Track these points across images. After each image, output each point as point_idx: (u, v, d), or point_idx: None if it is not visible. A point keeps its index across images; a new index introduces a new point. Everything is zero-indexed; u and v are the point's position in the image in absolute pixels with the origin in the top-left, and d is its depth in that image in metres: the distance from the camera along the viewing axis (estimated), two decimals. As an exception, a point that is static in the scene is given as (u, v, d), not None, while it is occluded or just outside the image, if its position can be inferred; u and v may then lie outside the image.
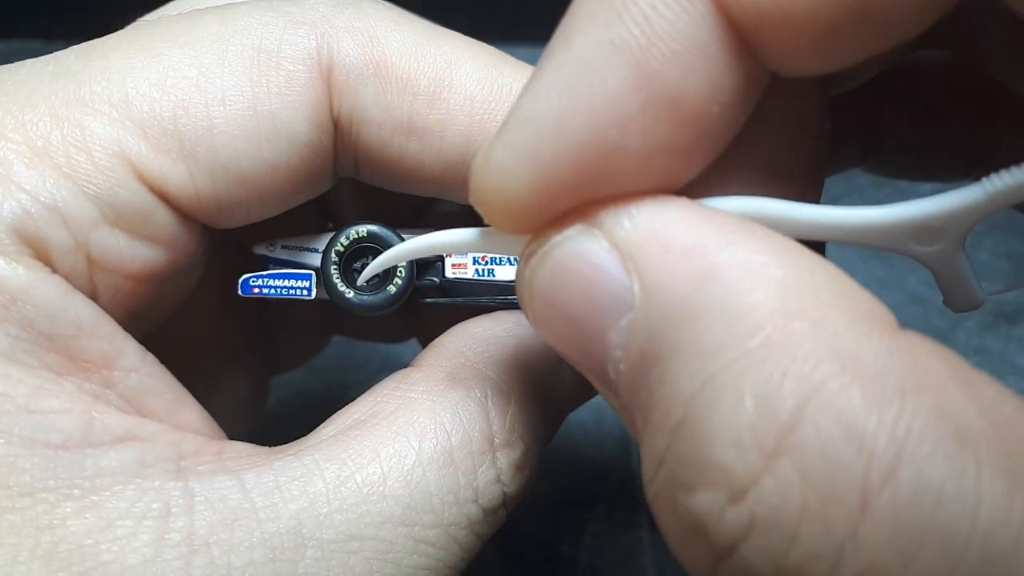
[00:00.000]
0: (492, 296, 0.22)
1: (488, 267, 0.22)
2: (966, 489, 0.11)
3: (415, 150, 0.20)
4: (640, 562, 0.31)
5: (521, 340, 0.21)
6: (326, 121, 0.20)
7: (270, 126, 0.19)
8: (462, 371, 0.20)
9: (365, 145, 0.20)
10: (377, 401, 0.19)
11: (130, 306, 0.20)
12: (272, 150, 0.19)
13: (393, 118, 0.20)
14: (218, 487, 0.17)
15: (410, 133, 0.20)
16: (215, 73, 0.19)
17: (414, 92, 0.20)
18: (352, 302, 0.21)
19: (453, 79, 0.20)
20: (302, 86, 0.19)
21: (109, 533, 0.16)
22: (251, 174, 0.19)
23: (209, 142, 0.19)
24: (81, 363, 0.18)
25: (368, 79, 0.20)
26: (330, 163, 0.20)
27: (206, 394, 0.21)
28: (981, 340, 0.37)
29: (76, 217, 0.18)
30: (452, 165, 0.20)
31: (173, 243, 0.20)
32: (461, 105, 0.20)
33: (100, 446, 0.17)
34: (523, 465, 0.20)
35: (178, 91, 0.19)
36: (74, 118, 0.18)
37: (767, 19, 0.14)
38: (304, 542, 0.17)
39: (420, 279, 0.22)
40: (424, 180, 0.21)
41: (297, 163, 0.20)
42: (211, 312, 0.26)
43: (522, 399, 0.20)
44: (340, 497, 0.17)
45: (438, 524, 0.18)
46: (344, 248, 0.21)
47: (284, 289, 0.21)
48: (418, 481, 0.18)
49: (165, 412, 0.19)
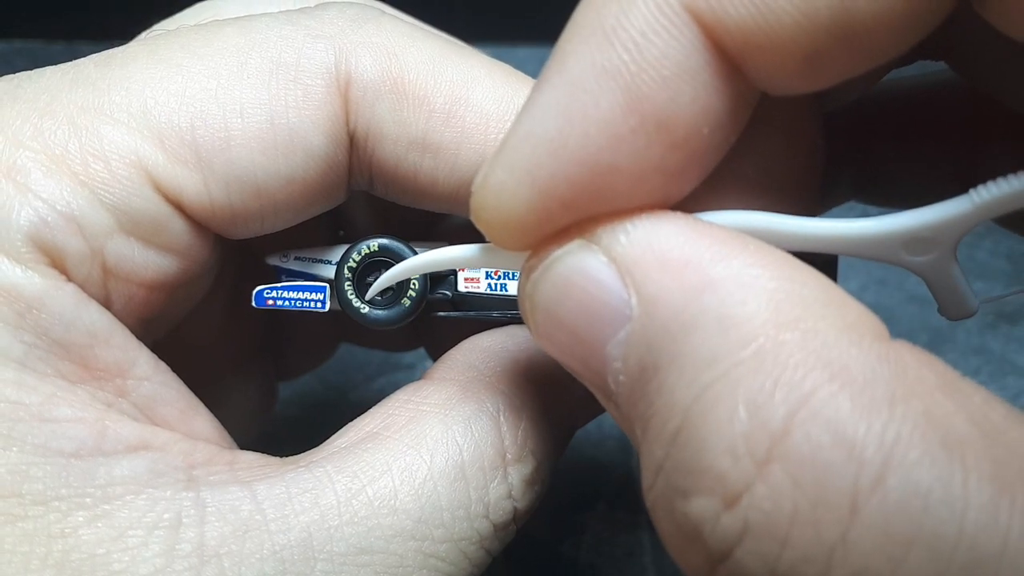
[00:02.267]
0: (504, 311, 0.22)
1: (501, 281, 0.22)
2: (953, 494, 0.12)
3: (429, 167, 0.20)
4: (640, 562, 0.31)
5: (533, 355, 0.21)
6: (342, 136, 0.20)
7: (287, 139, 0.19)
8: (474, 385, 0.20)
9: (380, 161, 0.20)
10: (389, 414, 0.19)
11: (142, 313, 0.20)
12: (288, 163, 0.19)
13: (408, 134, 0.20)
14: (229, 498, 0.17)
15: (425, 150, 0.20)
16: (234, 85, 0.19)
17: (430, 109, 0.20)
18: (367, 317, 0.21)
19: (469, 97, 0.20)
20: (320, 100, 0.19)
21: (120, 543, 0.16)
22: (266, 186, 0.19)
23: (226, 154, 0.19)
24: (95, 371, 0.18)
25: (385, 95, 0.20)
26: (344, 177, 0.21)
27: (216, 401, 0.21)
28: (981, 340, 0.37)
29: (92, 226, 0.18)
30: (466, 183, 0.20)
31: (187, 252, 0.20)
32: (476, 124, 0.20)
33: (113, 455, 0.17)
34: (534, 480, 0.20)
35: (196, 102, 0.19)
36: (92, 127, 0.18)
37: (752, 43, 0.14)
38: (314, 555, 0.17)
39: (433, 292, 0.22)
40: (438, 196, 0.21)
41: (313, 176, 0.20)
42: (222, 320, 0.26)
43: (534, 414, 0.20)
44: (351, 510, 0.17)
45: (448, 539, 0.18)
46: (357, 263, 0.21)
47: (299, 302, 0.21)
48: (429, 495, 0.18)
49: (177, 421, 0.19)
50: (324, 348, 0.30)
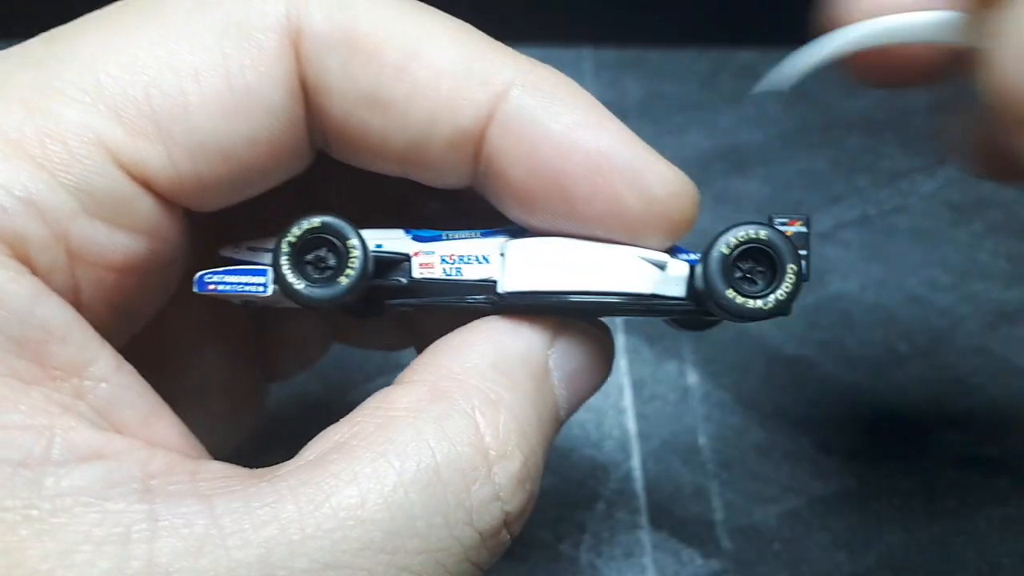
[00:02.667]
0: (461, 296, 0.21)
1: (456, 266, 0.21)
2: None
3: (380, 123, 0.20)
4: (640, 562, 0.31)
5: (501, 346, 0.20)
6: (298, 89, 0.19)
7: (246, 99, 0.19)
8: (444, 383, 0.19)
9: (331, 116, 0.20)
10: (357, 422, 0.18)
11: (114, 300, 0.19)
12: (250, 123, 0.19)
13: (358, 88, 0.19)
14: (185, 511, 0.16)
15: (375, 105, 0.19)
16: (186, 49, 0.19)
17: (381, 63, 0.19)
18: (302, 294, 0.20)
19: (422, 52, 0.19)
20: (274, 56, 0.19)
21: (67, 559, 0.15)
22: (232, 150, 0.19)
23: (186, 121, 0.18)
24: (51, 370, 0.17)
25: (335, 48, 0.19)
26: (307, 134, 0.20)
27: (199, 403, 0.20)
28: (981, 340, 0.37)
29: (54, 209, 0.18)
30: (416, 141, 0.20)
31: (156, 232, 0.19)
32: (428, 79, 0.19)
33: (63, 464, 0.16)
34: (524, 478, 0.19)
35: (149, 70, 0.18)
36: (46, 107, 0.18)
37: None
38: (273, 572, 0.16)
39: (387, 279, 0.21)
40: (388, 156, 0.20)
41: (277, 135, 0.19)
42: (205, 321, 0.25)
43: (512, 406, 0.19)
44: (314, 523, 0.16)
45: (424, 550, 0.17)
46: (296, 239, 0.20)
47: (239, 286, 0.20)
48: (401, 503, 0.17)
49: (139, 425, 0.18)
50: (313, 350, 0.29)
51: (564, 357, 0.21)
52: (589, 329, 0.22)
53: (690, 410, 0.35)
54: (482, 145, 0.20)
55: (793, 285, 0.19)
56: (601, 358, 0.22)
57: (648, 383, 0.36)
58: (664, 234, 0.20)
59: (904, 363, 0.36)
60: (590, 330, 0.22)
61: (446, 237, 0.21)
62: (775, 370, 0.36)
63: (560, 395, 0.21)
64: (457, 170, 0.20)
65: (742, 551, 0.31)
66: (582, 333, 0.21)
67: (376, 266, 0.20)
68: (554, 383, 0.21)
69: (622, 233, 0.20)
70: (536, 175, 0.20)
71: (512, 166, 0.20)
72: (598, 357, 0.22)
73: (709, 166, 0.43)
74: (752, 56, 0.48)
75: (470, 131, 0.20)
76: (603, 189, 0.19)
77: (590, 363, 0.22)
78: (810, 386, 0.36)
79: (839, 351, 0.37)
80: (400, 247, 0.21)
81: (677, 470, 0.33)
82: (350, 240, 0.20)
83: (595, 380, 0.22)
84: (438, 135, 0.20)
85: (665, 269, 0.20)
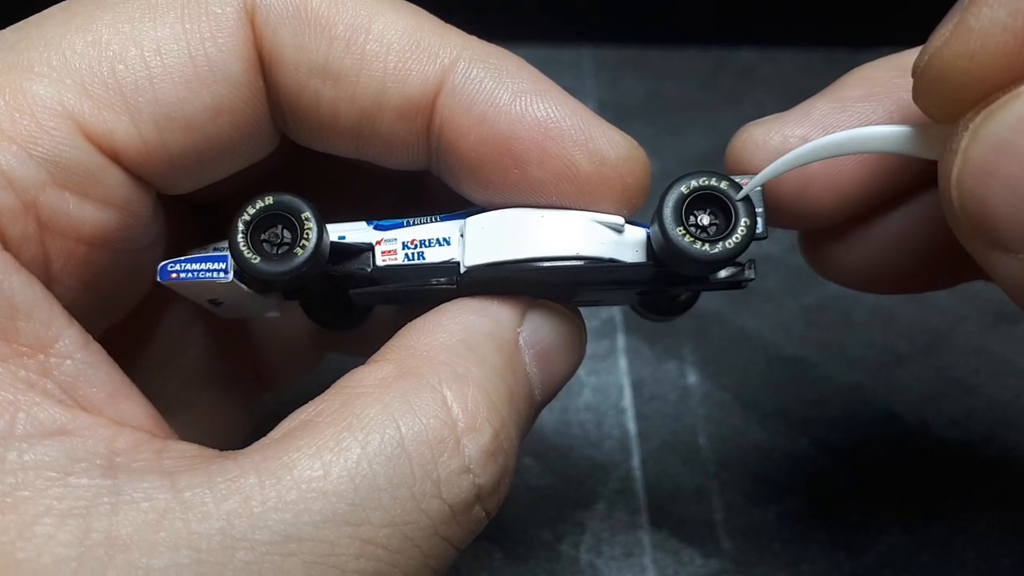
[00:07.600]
0: (425, 279, 0.21)
1: (418, 251, 0.21)
2: None
3: (330, 95, 0.20)
4: (640, 562, 0.31)
5: (469, 323, 0.20)
6: (256, 60, 0.20)
7: (207, 69, 0.19)
8: (411, 360, 0.19)
9: (283, 88, 0.20)
10: (324, 400, 0.19)
11: (84, 276, 0.20)
12: (212, 94, 0.20)
13: (309, 60, 0.20)
14: (147, 486, 0.16)
15: (325, 76, 0.20)
16: (148, 25, 0.19)
17: (331, 36, 0.20)
18: (258, 267, 0.20)
19: (371, 26, 0.20)
20: (231, 28, 0.20)
21: (27, 531, 0.15)
22: (195, 119, 0.19)
23: (150, 92, 0.19)
24: (16, 347, 0.18)
25: (287, 20, 0.20)
26: (266, 106, 0.21)
27: (189, 412, 0.21)
28: (981, 340, 0.37)
29: (23, 179, 0.18)
30: (367, 113, 0.20)
31: (125, 205, 0.20)
32: (377, 52, 0.20)
33: (26, 439, 0.16)
34: (495, 451, 0.19)
35: (113, 46, 0.19)
36: (15, 83, 0.19)
37: None
38: (233, 543, 0.16)
39: (350, 268, 0.21)
40: (340, 130, 0.21)
41: (239, 105, 0.20)
42: (196, 331, 0.25)
43: (481, 381, 0.19)
44: (276, 495, 0.16)
45: (389, 523, 0.17)
46: (251, 216, 0.20)
47: (201, 272, 0.21)
48: (365, 475, 0.17)
49: (105, 403, 0.19)
50: (306, 360, 0.29)
51: (535, 334, 0.21)
52: (560, 308, 0.22)
53: (690, 410, 0.35)
54: (433, 117, 0.20)
55: (744, 236, 0.20)
56: (574, 339, 0.22)
57: (648, 383, 0.36)
58: (619, 198, 0.21)
59: (904, 363, 0.36)
60: (561, 309, 0.22)
61: (407, 224, 0.22)
62: (775, 370, 0.36)
63: (533, 373, 0.21)
64: (409, 144, 0.21)
65: (742, 551, 0.31)
66: (552, 311, 0.22)
67: (339, 256, 0.21)
68: (525, 360, 0.21)
69: (576, 197, 0.20)
70: (487, 142, 0.20)
71: (463, 136, 0.20)
72: (570, 337, 0.22)
73: (709, 166, 0.43)
74: (752, 56, 0.48)
75: (419, 101, 0.20)
76: (554, 152, 0.20)
77: (562, 342, 0.22)
78: (810, 386, 0.36)
79: (839, 351, 0.37)
80: (363, 237, 0.22)
81: (677, 470, 0.33)
82: (304, 213, 0.20)
83: (569, 361, 0.22)
84: (388, 105, 0.20)
85: (622, 233, 0.21)
